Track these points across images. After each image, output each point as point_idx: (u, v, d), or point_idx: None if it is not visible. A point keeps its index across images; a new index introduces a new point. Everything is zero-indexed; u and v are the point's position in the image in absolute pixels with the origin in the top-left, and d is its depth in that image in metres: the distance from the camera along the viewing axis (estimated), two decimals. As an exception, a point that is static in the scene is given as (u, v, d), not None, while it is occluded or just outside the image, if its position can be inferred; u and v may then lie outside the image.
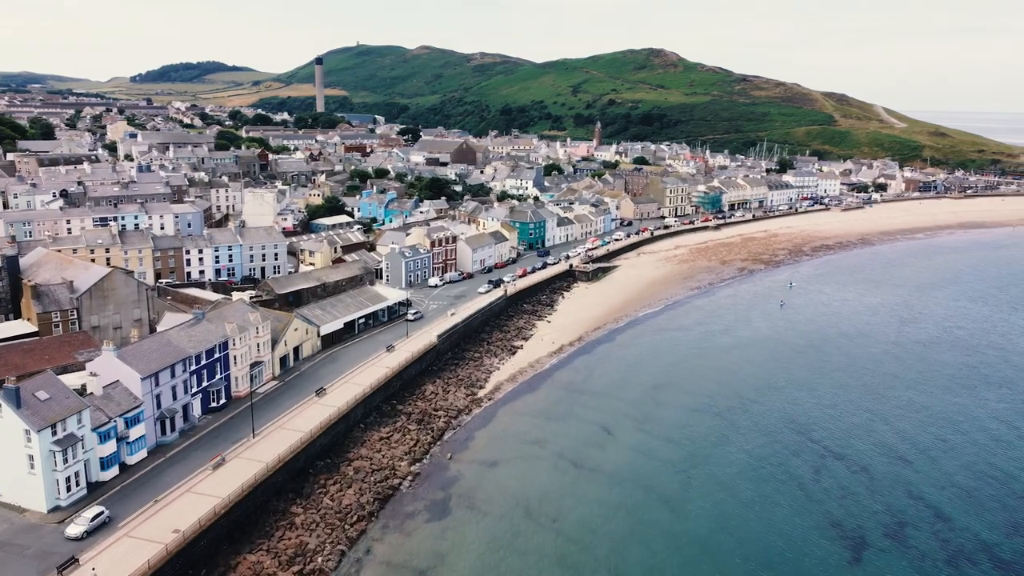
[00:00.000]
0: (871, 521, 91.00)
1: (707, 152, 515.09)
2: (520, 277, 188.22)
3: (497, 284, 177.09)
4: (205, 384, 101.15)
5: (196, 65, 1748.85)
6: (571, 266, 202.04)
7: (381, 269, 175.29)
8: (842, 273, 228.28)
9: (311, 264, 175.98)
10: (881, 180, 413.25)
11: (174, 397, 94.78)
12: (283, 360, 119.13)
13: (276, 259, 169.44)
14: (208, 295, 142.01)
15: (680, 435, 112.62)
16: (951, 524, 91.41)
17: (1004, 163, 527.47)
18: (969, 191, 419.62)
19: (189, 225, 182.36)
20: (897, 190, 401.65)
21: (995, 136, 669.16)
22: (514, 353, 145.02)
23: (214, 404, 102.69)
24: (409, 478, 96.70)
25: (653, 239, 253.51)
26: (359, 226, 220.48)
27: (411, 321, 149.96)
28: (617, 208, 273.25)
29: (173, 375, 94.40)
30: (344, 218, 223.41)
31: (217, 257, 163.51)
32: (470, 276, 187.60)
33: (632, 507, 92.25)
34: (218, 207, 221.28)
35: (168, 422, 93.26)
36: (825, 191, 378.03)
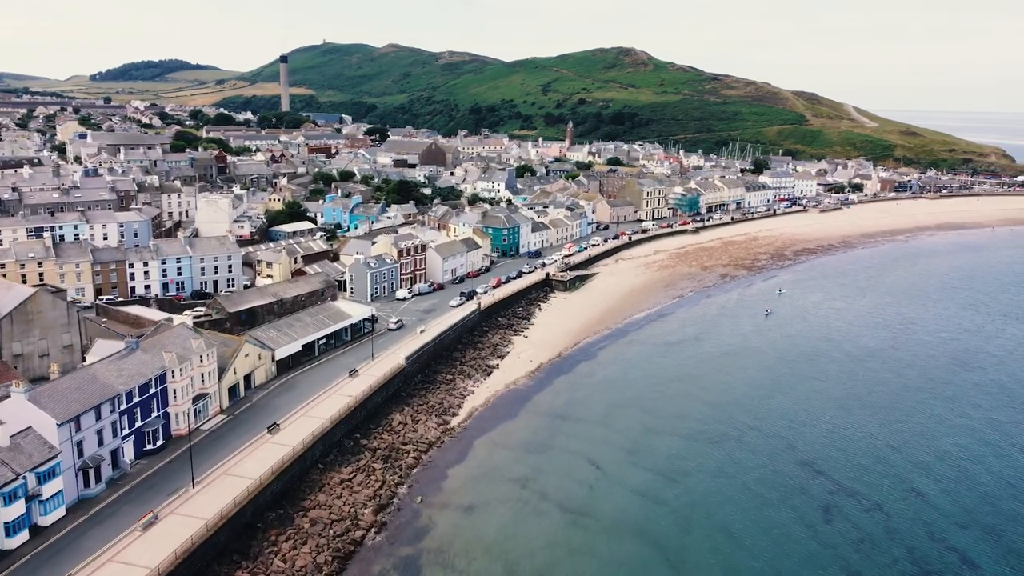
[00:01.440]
0: (893, 571, 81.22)
1: (681, 152, 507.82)
2: (495, 287, 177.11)
3: (470, 296, 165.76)
4: (139, 424, 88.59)
5: (158, 63, 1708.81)
6: (548, 275, 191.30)
7: (345, 281, 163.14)
8: (826, 279, 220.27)
9: (269, 276, 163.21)
10: (857, 180, 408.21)
11: (100, 442, 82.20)
12: (232, 390, 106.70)
13: (230, 271, 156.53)
14: (152, 314, 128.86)
15: (674, 469, 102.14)
16: (980, 572, 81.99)
17: (975, 162, 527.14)
18: (944, 191, 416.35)
19: (136, 235, 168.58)
20: (873, 190, 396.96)
21: (963, 135, 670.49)
22: (489, 374, 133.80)
23: (150, 446, 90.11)
24: (374, 530, 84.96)
25: (631, 244, 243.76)
26: (322, 233, 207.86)
27: (393, 330, 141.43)
28: (593, 211, 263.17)
29: (99, 417, 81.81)
30: (306, 224, 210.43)
31: (164, 270, 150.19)
32: (441, 287, 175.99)
33: (626, 560, 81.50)
34: (170, 214, 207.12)
35: (93, 472, 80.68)
36: (802, 191, 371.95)
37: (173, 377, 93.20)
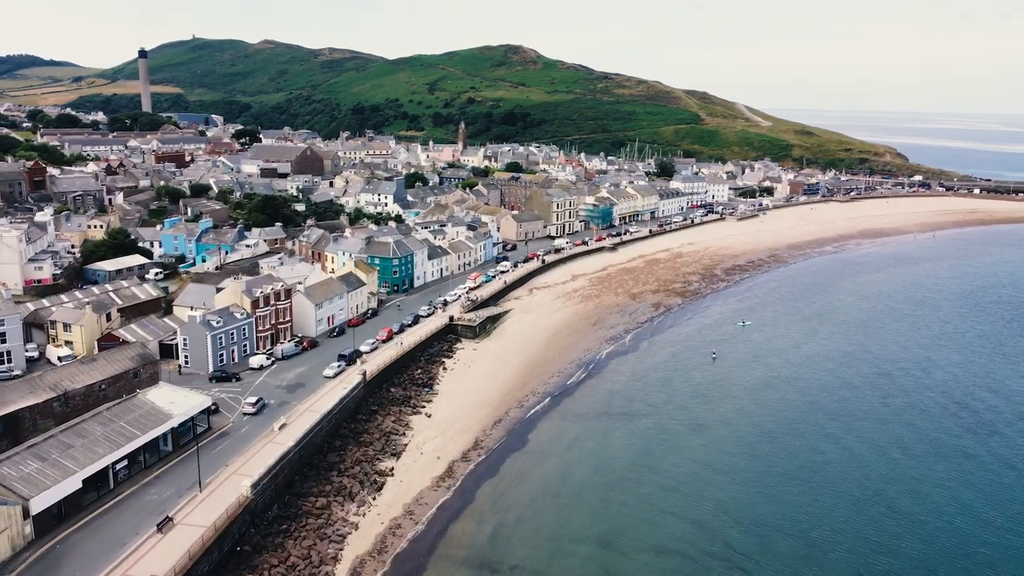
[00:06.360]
0: None
1: (582, 155, 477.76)
2: (384, 341, 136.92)
3: (352, 359, 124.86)
4: None
5: (6, 59, 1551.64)
6: (451, 318, 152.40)
7: (176, 345, 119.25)
8: (768, 305, 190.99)
9: (67, 344, 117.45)
10: (767, 183, 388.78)
11: None
12: (-65, 594, 62.92)
13: (3, 342, 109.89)
14: None
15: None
16: None
17: (871, 162, 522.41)
18: (853, 193, 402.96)
19: None
20: (784, 193, 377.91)
21: (851, 135, 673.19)
22: (380, 487, 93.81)
23: None
24: None
25: (544, 268, 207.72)
26: (159, 270, 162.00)
27: (252, 413, 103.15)
28: (498, 229, 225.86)
29: None
30: (138, 259, 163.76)
31: None
32: (313, 344, 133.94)
33: None
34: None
35: None
36: (714, 197, 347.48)
37: None
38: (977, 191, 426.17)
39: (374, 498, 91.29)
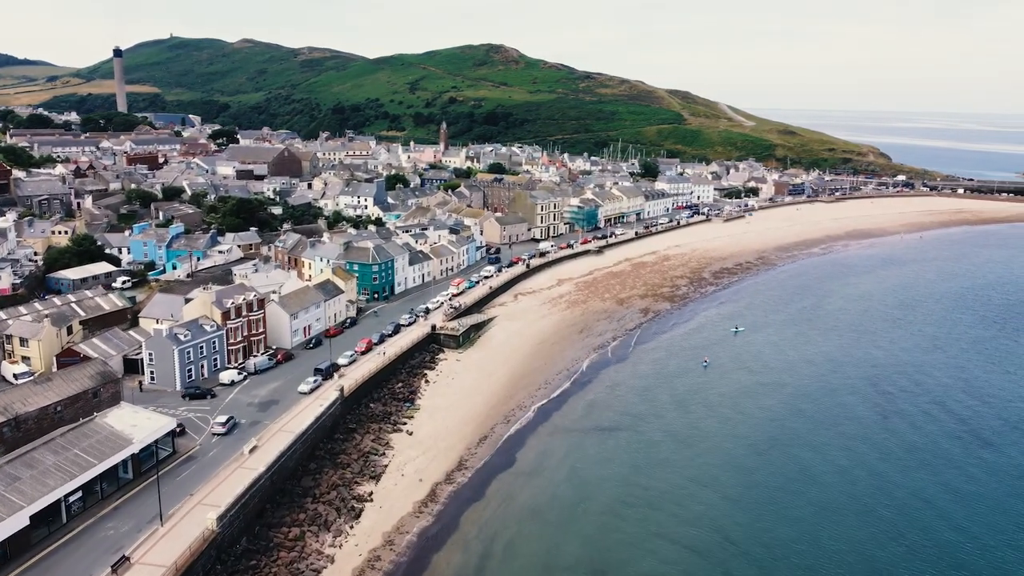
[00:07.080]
0: None
1: (565, 156, 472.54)
2: (363, 353, 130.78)
3: (329, 373, 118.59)
4: None
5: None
6: (433, 327, 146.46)
7: (141, 360, 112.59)
8: (758, 310, 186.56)
9: (24, 360, 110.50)
10: (752, 184, 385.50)
11: None
12: None
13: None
14: None
15: None
16: None
17: (855, 162, 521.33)
18: (838, 193, 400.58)
19: None
20: (768, 194, 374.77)
21: (834, 134, 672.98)
22: (358, 515, 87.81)
23: None
24: None
25: (529, 272, 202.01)
26: (126, 278, 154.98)
27: (221, 434, 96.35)
28: (481, 232, 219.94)
29: None
30: (104, 266, 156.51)
31: None
32: (288, 357, 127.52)
33: None
34: None
35: None
36: (699, 197, 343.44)
37: None
38: (961, 191, 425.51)
39: (351, 527, 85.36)
